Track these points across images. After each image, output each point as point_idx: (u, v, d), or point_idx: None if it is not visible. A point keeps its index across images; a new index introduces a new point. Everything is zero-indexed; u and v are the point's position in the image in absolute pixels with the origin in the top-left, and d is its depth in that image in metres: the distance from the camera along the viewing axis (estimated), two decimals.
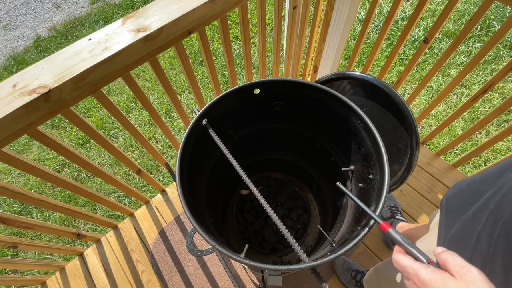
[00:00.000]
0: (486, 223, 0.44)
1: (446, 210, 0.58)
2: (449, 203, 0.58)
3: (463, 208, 0.52)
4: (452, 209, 0.56)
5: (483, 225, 0.44)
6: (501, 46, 2.13)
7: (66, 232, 1.17)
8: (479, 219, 0.46)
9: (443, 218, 0.57)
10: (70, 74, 0.67)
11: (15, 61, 2.90)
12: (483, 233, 0.44)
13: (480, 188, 0.50)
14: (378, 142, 0.68)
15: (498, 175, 0.48)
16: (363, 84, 0.93)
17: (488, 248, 0.42)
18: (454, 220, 0.53)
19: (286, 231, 0.64)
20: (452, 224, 0.53)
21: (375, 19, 2.44)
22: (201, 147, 0.83)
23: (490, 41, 0.93)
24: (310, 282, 1.23)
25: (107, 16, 3.09)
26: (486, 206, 0.46)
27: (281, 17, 1.11)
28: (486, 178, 0.51)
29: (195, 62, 2.51)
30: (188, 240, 0.98)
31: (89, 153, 2.14)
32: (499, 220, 0.42)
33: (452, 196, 0.58)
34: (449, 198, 0.59)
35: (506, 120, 1.88)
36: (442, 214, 0.58)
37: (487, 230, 0.43)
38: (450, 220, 0.55)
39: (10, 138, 0.69)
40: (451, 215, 0.55)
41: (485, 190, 0.48)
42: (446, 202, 0.59)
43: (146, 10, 0.75)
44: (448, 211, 0.57)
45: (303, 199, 1.26)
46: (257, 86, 0.81)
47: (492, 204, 0.44)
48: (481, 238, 0.44)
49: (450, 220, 0.55)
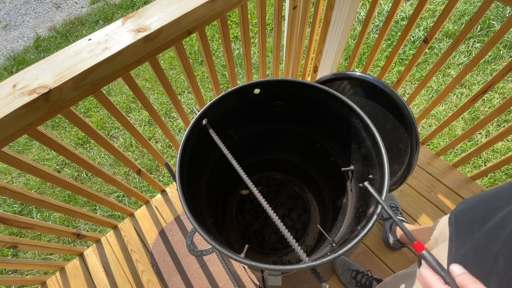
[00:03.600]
0: (505, 244, 0.43)
1: (455, 226, 0.56)
2: (458, 219, 0.57)
3: (475, 226, 0.51)
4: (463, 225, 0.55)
5: (501, 245, 0.43)
6: (501, 46, 2.13)
7: (66, 232, 1.17)
8: (496, 238, 0.44)
9: (453, 234, 0.56)
10: (70, 74, 0.67)
11: (15, 61, 2.90)
12: (501, 254, 0.43)
13: (494, 205, 0.49)
14: (378, 142, 0.68)
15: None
16: (363, 84, 0.93)
17: (506, 270, 0.41)
18: (466, 237, 0.52)
19: (286, 231, 0.64)
20: (465, 241, 0.52)
21: (375, 19, 2.44)
22: (201, 147, 0.83)
23: (490, 41, 0.93)
24: (310, 282, 1.23)
25: (107, 16, 3.09)
26: (503, 225, 0.44)
27: (281, 17, 1.11)
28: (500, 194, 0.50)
29: (195, 62, 2.51)
30: (188, 240, 0.98)
31: (89, 153, 2.14)
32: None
33: (461, 213, 0.57)
34: (458, 214, 0.57)
35: (506, 120, 1.88)
36: (452, 230, 0.57)
37: (506, 251, 0.42)
38: (462, 237, 0.53)
39: (10, 138, 0.69)
40: (463, 232, 0.54)
41: (500, 207, 0.47)
42: (455, 219, 0.57)
43: (146, 10, 0.75)
44: (458, 227, 0.55)
45: (303, 199, 1.26)
46: (257, 86, 0.81)
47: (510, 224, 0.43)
48: (498, 258, 0.43)
49: (461, 237, 0.53)
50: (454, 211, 0.59)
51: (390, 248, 1.27)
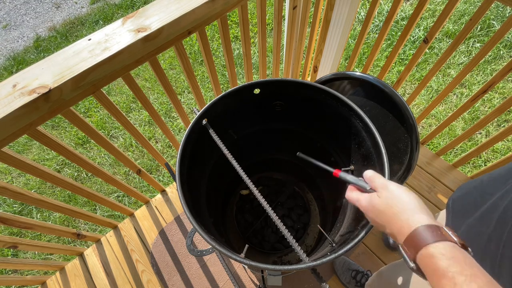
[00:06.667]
0: (496, 226, 0.44)
1: (452, 212, 0.57)
2: (455, 204, 0.58)
3: (470, 210, 0.52)
4: (458, 210, 0.56)
5: (493, 228, 0.44)
6: (501, 46, 2.13)
7: (66, 232, 1.17)
8: (488, 222, 0.45)
9: (449, 219, 0.57)
10: (70, 74, 0.66)
11: (15, 61, 2.90)
12: (493, 236, 0.44)
13: (488, 190, 0.50)
14: (378, 142, 0.68)
15: (507, 177, 0.48)
16: (363, 84, 0.93)
17: (496, 251, 0.42)
18: (460, 221, 0.53)
19: (286, 231, 0.64)
20: (459, 225, 0.53)
21: (375, 19, 2.43)
22: (201, 147, 0.83)
23: (490, 41, 0.93)
24: (310, 282, 1.23)
25: (107, 16, 3.09)
26: (495, 209, 0.45)
27: (281, 17, 1.11)
28: (494, 180, 0.51)
29: (195, 62, 2.51)
30: (188, 240, 0.97)
31: (89, 153, 2.14)
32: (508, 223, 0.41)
33: (458, 198, 0.58)
34: (455, 200, 0.58)
35: (506, 120, 1.88)
36: (449, 215, 0.58)
37: (497, 233, 0.43)
38: (456, 221, 0.54)
39: (10, 138, 0.69)
40: (458, 217, 0.55)
41: (493, 193, 0.48)
42: (452, 204, 0.58)
43: (146, 10, 0.75)
44: (455, 212, 0.56)
45: (303, 199, 1.26)
46: (257, 86, 0.81)
47: (501, 207, 0.44)
48: (491, 241, 0.44)
49: (456, 221, 0.54)
50: (452, 197, 0.60)
51: (390, 248, 1.27)
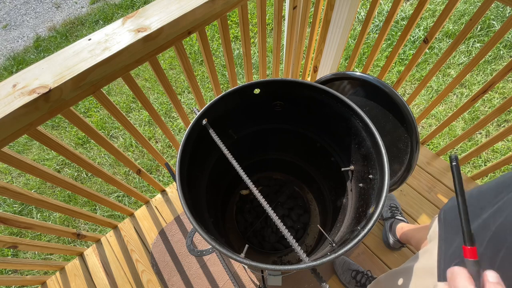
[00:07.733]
0: (488, 245, 0.43)
1: (444, 224, 0.57)
2: (447, 216, 0.57)
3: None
4: (450, 223, 0.55)
5: (484, 247, 0.43)
6: (501, 46, 2.13)
7: (66, 232, 1.17)
8: (480, 240, 0.44)
9: (442, 231, 0.56)
10: (70, 74, 0.66)
11: (15, 61, 2.90)
12: (484, 256, 0.43)
13: (478, 205, 0.49)
14: (378, 142, 0.68)
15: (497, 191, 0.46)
16: (363, 84, 0.93)
17: None
18: (453, 235, 0.52)
19: (286, 231, 0.64)
20: (453, 240, 0.52)
21: (375, 19, 2.43)
22: (201, 147, 0.83)
23: (490, 41, 0.93)
24: (310, 282, 1.23)
25: (107, 16, 3.09)
26: (487, 227, 0.44)
27: (281, 17, 1.11)
28: (484, 194, 0.50)
29: (195, 62, 2.51)
30: (188, 240, 0.97)
31: (89, 153, 2.14)
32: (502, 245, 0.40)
33: (449, 210, 0.57)
34: (447, 211, 0.58)
35: (506, 120, 1.88)
36: (441, 227, 0.57)
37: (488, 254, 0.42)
38: (450, 235, 0.54)
39: (10, 138, 0.69)
40: (451, 230, 0.54)
41: (483, 207, 0.47)
42: (444, 215, 0.58)
43: (146, 10, 0.75)
44: (447, 226, 0.56)
45: (303, 199, 1.26)
46: (257, 86, 0.81)
47: (493, 227, 0.43)
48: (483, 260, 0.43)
49: (449, 235, 0.54)
50: (443, 208, 0.59)
51: (390, 248, 1.27)
